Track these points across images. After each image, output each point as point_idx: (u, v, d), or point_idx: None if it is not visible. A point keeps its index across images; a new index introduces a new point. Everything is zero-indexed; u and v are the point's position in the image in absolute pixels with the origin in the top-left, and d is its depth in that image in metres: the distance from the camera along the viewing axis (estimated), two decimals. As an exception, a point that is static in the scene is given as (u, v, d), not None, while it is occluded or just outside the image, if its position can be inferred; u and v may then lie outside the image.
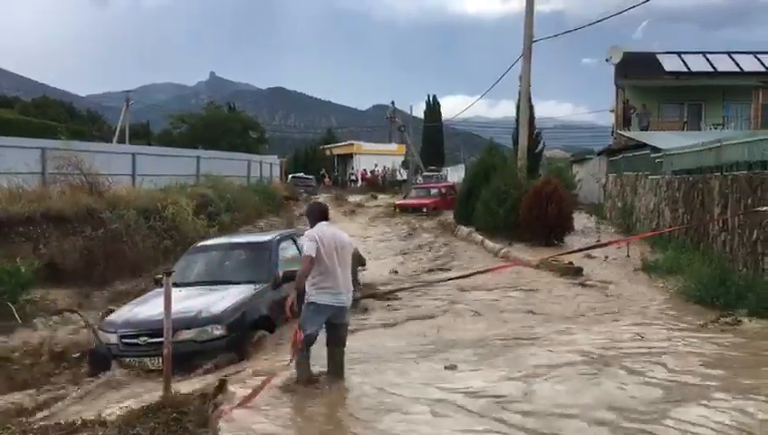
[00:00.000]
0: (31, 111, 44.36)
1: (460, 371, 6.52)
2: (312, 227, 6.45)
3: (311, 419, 5.46)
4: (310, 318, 6.11)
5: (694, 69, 27.07)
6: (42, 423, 5.57)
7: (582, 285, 11.77)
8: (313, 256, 6.04)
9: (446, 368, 6.58)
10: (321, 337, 6.30)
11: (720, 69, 26.99)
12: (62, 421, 5.49)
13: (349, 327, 6.57)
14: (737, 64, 27.33)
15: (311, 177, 46.40)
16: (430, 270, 14.93)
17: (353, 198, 35.75)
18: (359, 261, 6.78)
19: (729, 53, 28.55)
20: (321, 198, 30.73)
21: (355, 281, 6.88)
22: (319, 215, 6.52)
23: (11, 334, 9.40)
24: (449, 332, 8.84)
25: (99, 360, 7.83)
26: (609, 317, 9.27)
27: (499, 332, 8.66)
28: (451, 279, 11.46)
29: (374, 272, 13.67)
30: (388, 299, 11.07)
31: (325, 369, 6.31)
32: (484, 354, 7.30)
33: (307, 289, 6.15)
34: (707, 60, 27.89)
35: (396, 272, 14.66)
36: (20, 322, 9.58)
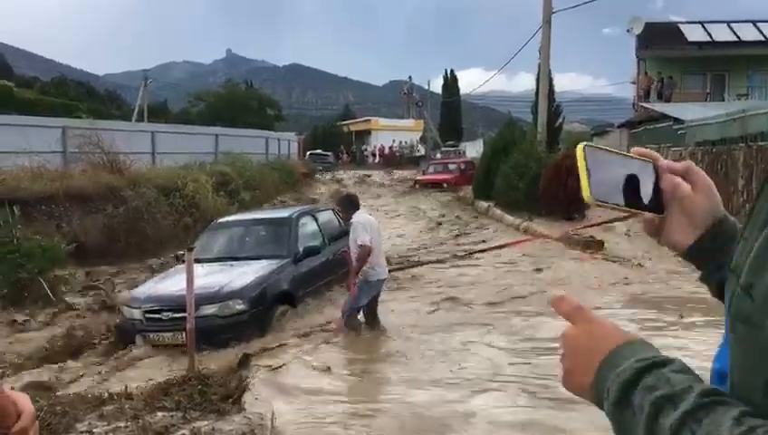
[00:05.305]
0: (50, 90, 44.58)
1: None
2: (346, 214, 7.68)
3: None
4: (366, 292, 7.38)
5: (717, 39, 26.49)
6: (69, 397, 5.64)
7: (606, 259, 11.61)
8: (369, 245, 7.16)
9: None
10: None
11: (744, 38, 26.38)
12: (89, 395, 5.57)
13: None
14: (762, 33, 26.70)
15: (328, 153, 46.39)
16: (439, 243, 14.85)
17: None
18: None
19: (754, 22, 27.86)
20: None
21: None
22: (354, 204, 7.70)
23: (42, 310, 9.50)
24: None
25: (124, 335, 7.93)
26: (642, 293, 9.12)
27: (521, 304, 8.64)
28: (473, 252, 11.42)
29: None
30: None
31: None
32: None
33: (364, 269, 7.26)
34: (731, 29, 27.25)
35: None
36: (53, 298, 9.65)
